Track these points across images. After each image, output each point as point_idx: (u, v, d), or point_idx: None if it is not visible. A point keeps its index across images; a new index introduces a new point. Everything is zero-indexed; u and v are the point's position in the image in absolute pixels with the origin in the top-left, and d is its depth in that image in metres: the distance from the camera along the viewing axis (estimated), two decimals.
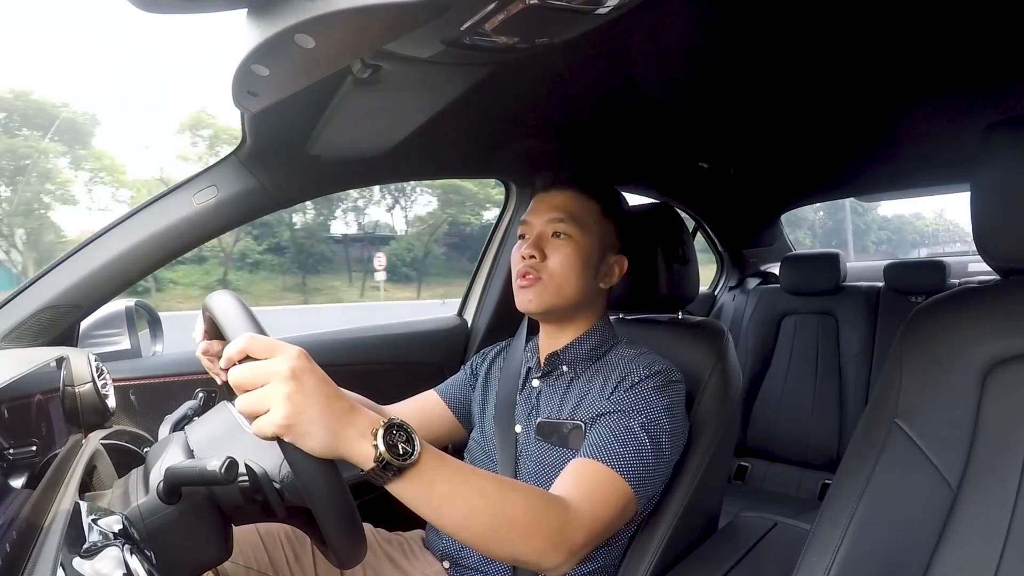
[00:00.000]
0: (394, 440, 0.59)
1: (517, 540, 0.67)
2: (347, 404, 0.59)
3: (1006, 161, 0.68)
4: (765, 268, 2.86)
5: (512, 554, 0.69)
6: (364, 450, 0.58)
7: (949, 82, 1.27)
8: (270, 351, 0.57)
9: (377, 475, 0.59)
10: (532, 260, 0.97)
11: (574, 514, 0.74)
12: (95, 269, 1.06)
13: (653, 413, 0.87)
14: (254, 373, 0.56)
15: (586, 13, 0.58)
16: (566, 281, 0.97)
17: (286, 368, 0.56)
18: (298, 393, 0.56)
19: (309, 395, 0.56)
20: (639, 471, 0.82)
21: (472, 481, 0.66)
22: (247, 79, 0.67)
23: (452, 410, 1.16)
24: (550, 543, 0.70)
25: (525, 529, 0.68)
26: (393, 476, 0.59)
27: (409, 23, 0.57)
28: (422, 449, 0.61)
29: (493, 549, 0.67)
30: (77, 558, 0.52)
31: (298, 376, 0.56)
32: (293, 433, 0.55)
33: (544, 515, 0.70)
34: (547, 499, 0.73)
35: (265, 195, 1.16)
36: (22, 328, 1.03)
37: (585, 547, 0.74)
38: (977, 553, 0.62)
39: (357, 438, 0.58)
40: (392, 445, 0.59)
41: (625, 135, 1.55)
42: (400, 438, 0.60)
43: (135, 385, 1.22)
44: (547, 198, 1.01)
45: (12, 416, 0.66)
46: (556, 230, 0.98)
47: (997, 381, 0.66)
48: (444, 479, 0.63)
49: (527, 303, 0.98)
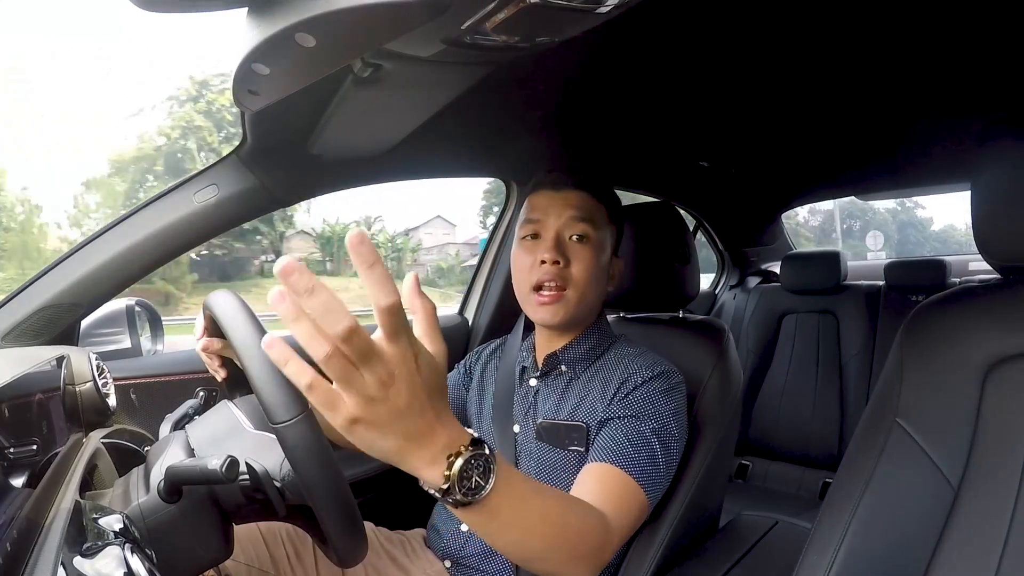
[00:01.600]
0: (470, 473, 0.50)
1: (563, 561, 0.66)
2: (440, 410, 0.48)
3: (1006, 160, 0.68)
4: (766, 267, 2.87)
5: (549, 571, 0.67)
6: (433, 475, 0.49)
7: (950, 81, 1.27)
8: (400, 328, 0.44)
9: (438, 495, 0.51)
10: (556, 267, 0.92)
11: (613, 534, 0.74)
12: (95, 268, 1.07)
13: (663, 418, 0.88)
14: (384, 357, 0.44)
15: (587, 12, 0.58)
16: (589, 290, 0.95)
17: (411, 352, 0.45)
18: (413, 385, 0.45)
19: (419, 392, 0.46)
20: (654, 478, 0.84)
21: (535, 506, 0.60)
22: (248, 78, 0.67)
23: None
24: (588, 564, 0.69)
25: (572, 551, 0.66)
26: (454, 504, 0.52)
27: (410, 22, 0.57)
28: (497, 480, 0.52)
29: (535, 566, 0.66)
30: (78, 557, 0.52)
31: (422, 371, 0.46)
32: (365, 428, 0.45)
33: (591, 537, 0.70)
34: (595, 519, 0.72)
35: (265, 194, 1.16)
36: (23, 327, 1.03)
37: (610, 558, 0.76)
38: (978, 551, 0.62)
39: (429, 462, 0.48)
40: (466, 477, 0.50)
41: (626, 134, 1.55)
42: (477, 469, 0.50)
43: (136, 384, 1.22)
44: (559, 196, 0.97)
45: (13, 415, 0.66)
46: (576, 232, 0.95)
47: (998, 379, 0.66)
48: (510, 507, 0.56)
49: (551, 318, 0.94)
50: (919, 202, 23.04)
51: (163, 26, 40.52)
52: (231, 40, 0.63)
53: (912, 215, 23.44)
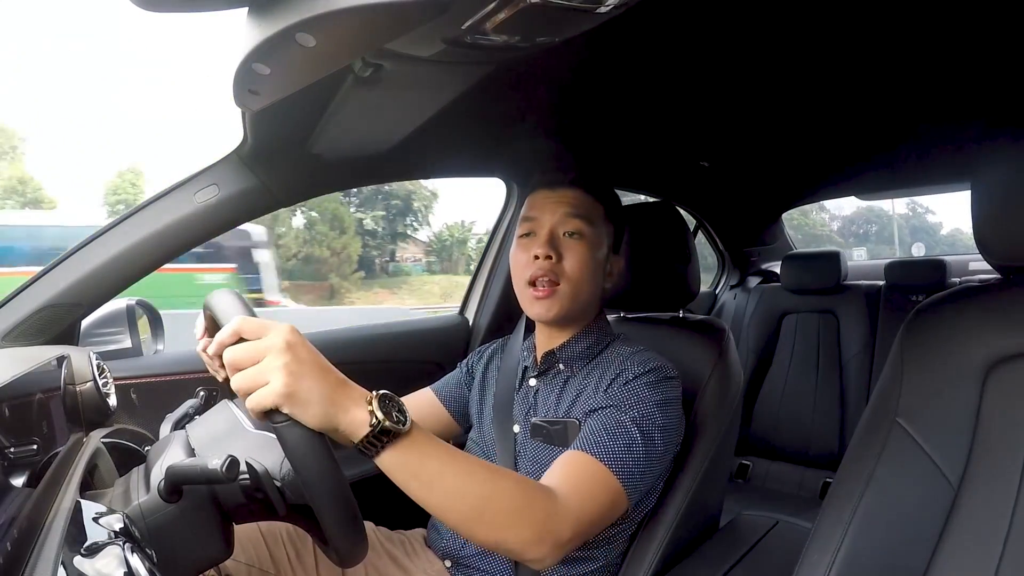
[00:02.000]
0: (388, 408, 0.60)
1: (502, 525, 0.67)
2: (339, 376, 0.61)
3: (1006, 160, 0.68)
4: (766, 267, 2.87)
5: (496, 539, 0.68)
6: (360, 416, 0.58)
7: (950, 81, 1.27)
8: (262, 330, 0.58)
9: (371, 443, 0.59)
10: (548, 262, 0.94)
11: (561, 506, 0.73)
12: (96, 267, 1.06)
13: (645, 408, 0.86)
14: (249, 350, 0.57)
15: (587, 12, 0.58)
16: (582, 285, 0.96)
17: (280, 341, 0.57)
18: (294, 362, 0.56)
19: (305, 364, 0.57)
20: (629, 466, 0.82)
21: (462, 462, 0.66)
22: (248, 78, 0.67)
23: (447, 408, 1.17)
24: (534, 532, 0.69)
25: (510, 515, 0.68)
26: (386, 445, 0.60)
27: (410, 22, 0.56)
28: (414, 424, 0.62)
29: (477, 533, 0.67)
30: (78, 557, 0.52)
31: (293, 347, 0.57)
32: (292, 401, 0.56)
33: (530, 504, 0.70)
34: (535, 488, 0.73)
35: (266, 194, 1.16)
36: (23, 326, 1.03)
37: (571, 541, 0.74)
38: (978, 551, 0.62)
39: (353, 406, 0.59)
40: (387, 412, 0.59)
41: (627, 134, 1.55)
42: (393, 407, 0.60)
43: (136, 384, 1.22)
44: (555, 195, 0.99)
45: (13, 415, 0.66)
46: (569, 228, 0.96)
47: (998, 379, 0.66)
48: (434, 455, 0.64)
49: (544, 313, 0.96)
50: (929, 207, 23.65)
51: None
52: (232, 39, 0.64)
53: (923, 220, 23.95)
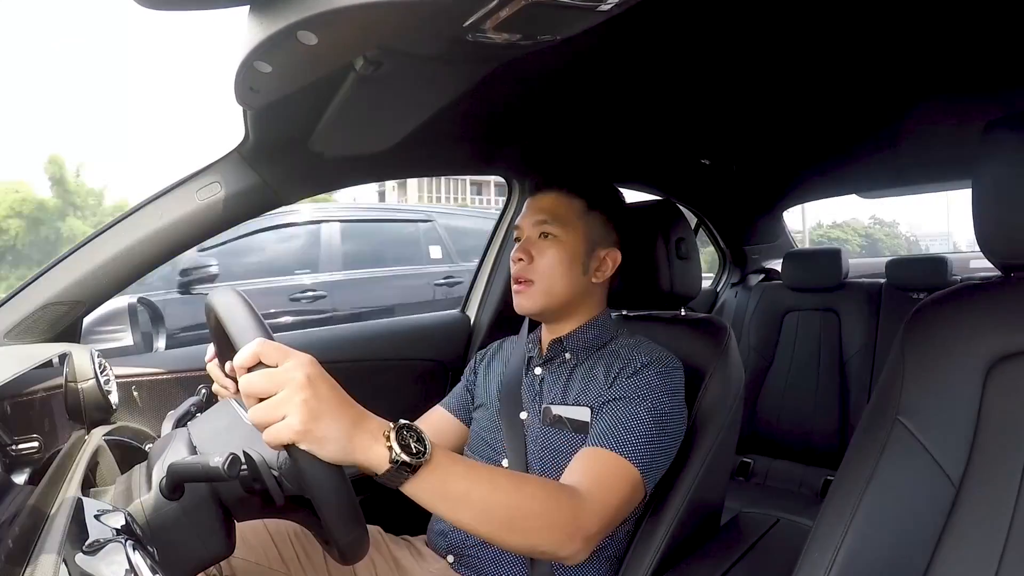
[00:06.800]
0: (406, 440, 0.60)
1: (534, 531, 0.69)
2: (359, 410, 0.61)
3: (1007, 158, 0.68)
4: (767, 264, 2.86)
5: (529, 545, 0.71)
6: (379, 453, 0.59)
7: (951, 79, 1.27)
8: (282, 357, 0.57)
9: (392, 477, 0.60)
10: (522, 263, 1.03)
11: (587, 502, 0.76)
12: (98, 265, 1.07)
13: (658, 398, 0.90)
14: (269, 380, 0.56)
15: (588, 10, 0.58)
16: (555, 280, 1.02)
17: (301, 375, 0.56)
18: (314, 399, 0.56)
19: (324, 401, 0.57)
20: (647, 455, 0.85)
21: (485, 476, 0.67)
22: (249, 75, 0.67)
23: (461, 420, 1.18)
24: (565, 532, 0.71)
25: (539, 520, 0.70)
26: (408, 476, 0.60)
27: (412, 20, 0.57)
28: (433, 447, 0.62)
29: (511, 542, 0.69)
30: (80, 554, 0.52)
31: (313, 383, 0.56)
32: (309, 439, 0.55)
33: (557, 505, 0.72)
34: (559, 489, 0.76)
35: (268, 191, 1.16)
36: (25, 324, 1.03)
37: (600, 534, 0.77)
38: (979, 549, 0.62)
39: (371, 442, 0.59)
40: (405, 445, 0.59)
41: (628, 132, 1.55)
42: (411, 437, 0.60)
43: (138, 381, 1.22)
44: (534, 202, 1.06)
45: (15, 412, 0.67)
46: (542, 232, 1.03)
47: (999, 377, 0.66)
48: (458, 475, 0.64)
49: (521, 307, 1.04)
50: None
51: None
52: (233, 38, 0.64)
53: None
